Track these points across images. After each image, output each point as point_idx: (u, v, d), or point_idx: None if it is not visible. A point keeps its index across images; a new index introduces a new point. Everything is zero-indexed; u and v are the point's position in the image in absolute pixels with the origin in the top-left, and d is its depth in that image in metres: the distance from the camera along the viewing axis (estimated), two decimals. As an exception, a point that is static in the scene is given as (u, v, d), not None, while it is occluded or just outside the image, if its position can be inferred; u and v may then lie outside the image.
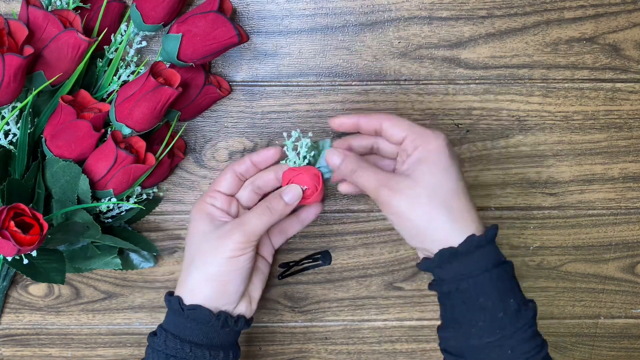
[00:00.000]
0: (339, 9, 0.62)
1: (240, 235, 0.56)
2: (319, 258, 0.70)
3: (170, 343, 0.56)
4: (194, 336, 0.56)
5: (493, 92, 0.65)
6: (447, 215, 0.52)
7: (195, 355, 0.56)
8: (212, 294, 0.56)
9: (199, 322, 0.56)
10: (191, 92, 0.60)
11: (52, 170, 0.58)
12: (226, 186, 0.60)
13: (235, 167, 0.60)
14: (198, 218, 0.59)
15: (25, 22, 0.55)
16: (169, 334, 0.56)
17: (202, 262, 0.56)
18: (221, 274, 0.56)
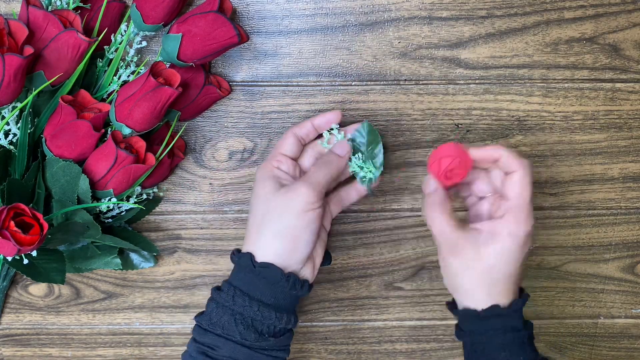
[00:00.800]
0: (339, 9, 0.62)
1: (306, 188, 0.56)
2: (319, 258, 0.70)
3: (239, 299, 0.55)
4: (263, 295, 0.56)
5: (493, 92, 0.65)
6: (489, 290, 0.55)
7: (262, 314, 0.55)
8: (283, 250, 0.56)
9: (270, 281, 0.55)
10: (191, 92, 0.60)
11: (52, 170, 0.58)
12: (289, 149, 0.60)
13: (296, 130, 0.60)
14: (265, 178, 0.58)
15: (25, 22, 0.55)
16: (238, 290, 0.56)
17: (272, 220, 0.56)
18: (293, 228, 0.56)
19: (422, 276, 0.71)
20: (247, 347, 0.55)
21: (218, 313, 0.56)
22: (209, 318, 0.56)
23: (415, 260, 0.71)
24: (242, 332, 0.55)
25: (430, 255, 0.71)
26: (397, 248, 0.70)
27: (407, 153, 0.67)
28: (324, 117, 0.60)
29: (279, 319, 0.56)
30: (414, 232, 0.70)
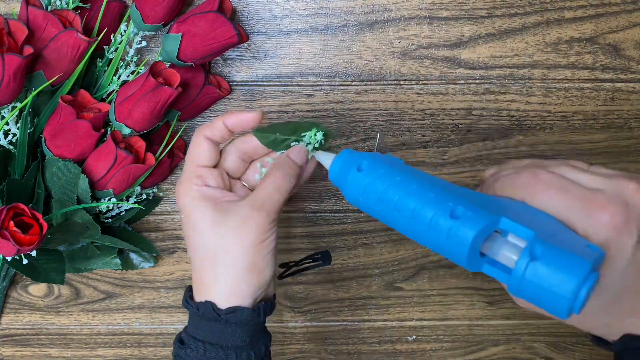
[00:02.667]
0: (339, 9, 0.62)
1: (264, 217, 0.49)
2: (319, 258, 0.70)
3: (211, 355, 0.49)
4: (237, 340, 0.50)
5: (493, 92, 0.65)
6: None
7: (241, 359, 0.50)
8: (249, 288, 0.49)
9: (240, 324, 0.50)
10: (191, 92, 0.60)
11: (51, 170, 0.58)
12: (207, 157, 0.51)
13: (207, 133, 0.51)
14: (198, 208, 0.50)
15: (25, 22, 0.55)
16: (207, 344, 0.49)
17: (229, 258, 0.49)
18: (256, 264, 0.49)
19: (422, 276, 0.71)
20: None
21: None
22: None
23: (415, 260, 0.71)
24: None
25: (430, 255, 0.70)
26: (397, 248, 0.70)
27: (408, 153, 0.67)
28: (239, 117, 0.51)
29: (258, 353, 0.51)
30: (414, 232, 0.70)
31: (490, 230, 0.41)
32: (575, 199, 0.42)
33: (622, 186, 0.42)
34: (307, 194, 0.68)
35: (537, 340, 0.74)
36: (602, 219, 0.41)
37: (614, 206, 0.41)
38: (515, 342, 0.74)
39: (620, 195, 0.42)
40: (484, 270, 0.43)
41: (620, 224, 0.41)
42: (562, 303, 0.39)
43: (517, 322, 0.73)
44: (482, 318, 0.73)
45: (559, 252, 0.39)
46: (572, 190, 0.43)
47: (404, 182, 0.45)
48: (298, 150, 0.52)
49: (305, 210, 0.69)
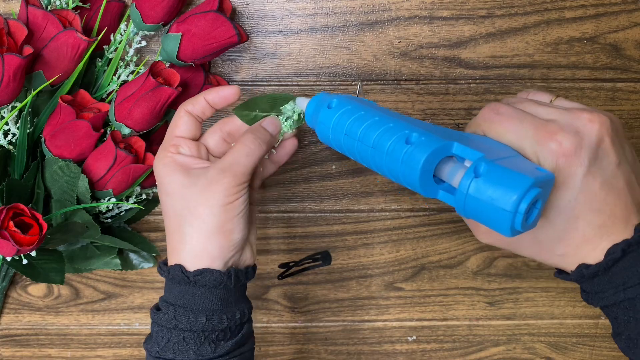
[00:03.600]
0: (339, 9, 0.62)
1: (231, 178, 0.49)
2: (319, 258, 0.70)
3: (182, 317, 0.50)
4: (207, 303, 0.50)
5: (494, 91, 0.65)
6: None
7: (212, 324, 0.50)
8: (218, 250, 0.50)
9: (210, 286, 0.50)
10: (191, 92, 0.60)
11: (51, 170, 0.58)
12: (185, 129, 0.52)
13: (189, 107, 0.52)
14: (169, 172, 0.51)
15: (24, 21, 0.55)
16: (178, 307, 0.50)
17: (196, 218, 0.49)
18: (223, 224, 0.49)
19: (422, 276, 0.71)
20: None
21: (164, 336, 0.50)
22: (157, 344, 0.51)
23: (415, 260, 0.71)
24: (196, 350, 0.50)
25: (430, 255, 0.70)
26: (397, 248, 0.70)
27: None
28: (219, 93, 0.52)
29: (232, 319, 0.51)
30: (414, 232, 0.69)
31: (442, 153, 0.43)
32: (528, 127, 0.43)
33: (576, 116, 0.43)
34: (307, 194, 0.68)
35: (537, 341, 0.74)
36: (551, 146, 0.42)
37: (564, 133, 0.42)
38: (516, 342, 0.74)
39: (573, 124, 0.42)
40: (439, 197, 0.44)
41: (570, 151, 0.41)
42: (504, 217, 0.39)
43: (518, 323, 0.73)
44: (482, 318, 0.73)
45: (501, 169, 0.40)
46: (526, 121, 0.44)
47: (367, 115, 0.47)
48: (270, 120, 0.53)
49: (305, 210, 0.69)
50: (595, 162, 0.42)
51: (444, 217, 0.69)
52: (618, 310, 0.44)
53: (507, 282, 0.72)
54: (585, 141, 0.42)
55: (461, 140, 0.43)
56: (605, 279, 0.44)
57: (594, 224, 0.43)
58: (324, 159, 0.67)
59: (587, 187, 0.42)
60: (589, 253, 0.44)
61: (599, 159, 0.42)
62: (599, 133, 0.42)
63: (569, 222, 0.43)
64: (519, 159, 0.43)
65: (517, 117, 0.44)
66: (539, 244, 0.45)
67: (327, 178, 0.68)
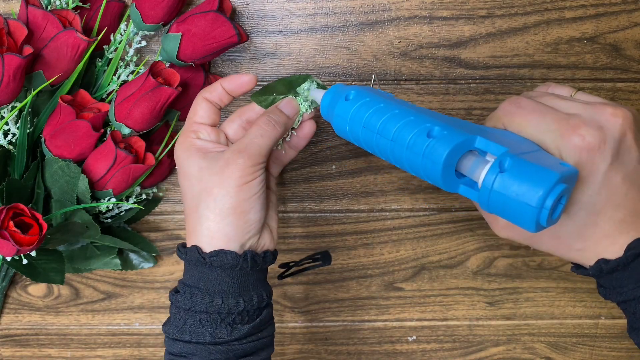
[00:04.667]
0: (339, 9, 0.62)
1: (245, 159, 0.49)
2: (319, 258, 0.70)
3: (198, 298, 0.50)
4: (223, 285, 0.50)
5: (494, 91, 0.65)
6: None
7: (228, 306, 0.50)
8: (234, 231, 0.50)
9: (226, 268, 0.50)
10: (191, 92, 0.60)
11: (51, 170, 0.58)
12: (204, 115, 0.53)
13: (206, 94, 0.54)
14: (188, 156, 0.52)
15: (24, 21, 0.55)
16: (194, 288, 0.50)
17: (212, 200, 0.50)
18: (238, 205, 0.49)
19: (423, 276, 0.71)
20: (221, 344, 0.50)
21: (181, 318, 0.51)
22: (174, 326, 0.51)
23: (415, 260, 0.71)
24: (212, 332, 0.50)
25: (430, 255, 0.70)
26: (397, 248, 0.70)
27: None
28: (236, 81, 0.53)
29: (249, 303, 0.51)
30: (414, 232, 0.69)
31: (465, 147, 0.42)
32: (550, 121, 0.43)
33: (599, 110, 0.42)
34: (307, 194, 0.68)
35: (537, 341, 0.74)
36: (574, 140, 0.41)
37: (587, 128, 0.41)
38: (516, 342, 0.74)
39: (595, 118, 0.42)
40: (460, 191, 0.43)
41: (593, 146, 0.41)
42: (529, 213, 0.39)
43: (518, 323, 0.73)
44: (482, 318, 0.73)
45: (526, 164, 0.40)
46: (548, 115, 0.43)
47: (387, 107, 0.46)
48: (287, 102, 0.54)
49: (305, 210, 0.69)
50: (617, 157, 0.42)
51: (444, 217, 0.69)
52: (637, 305, 0.44)
53: (507, 282, 0.72)
54: (608, 136, 0.41)
55: (483, 134, 0.43)
56: (625, 274, 0.43)
57: (615, 219, 0.43)
58: (324, 159, 0.67)
59: (609, 182, 0.42)
60: (607, 248, 0.43)
61: (622, 153, 0.42)
62: (622, 128, 0.42)
63: (589, 217, 0.43)
64: (542, 154, 0.43)
65: (539, 111, 0.44)
66: (557, 239, 0.45)
67: (327, 178, 0.68)
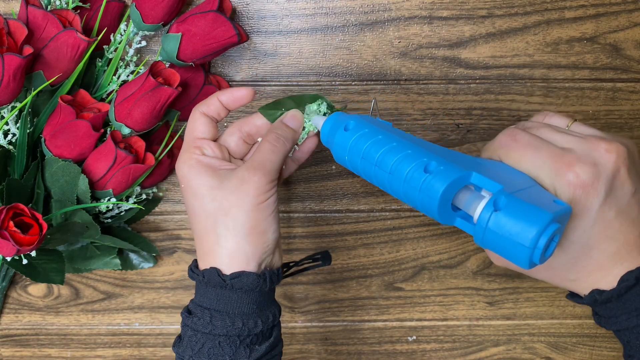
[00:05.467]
0: (339, 9, 0.62)
1: (260, 177, 0.48)
2: (319, 258, 0.70)
3: (218, 322, 0.48)
4: (243, 307, 0.49)
5: (494, 91, 0.65)
6: None
7: (248, 328, 0.49)
8: (253, 250, 0.49)
9: (246, 290, 0.49)
10: (191, 92, 0.60)
11: (51, 170, 0.58)
12: (204, 130, 0.52)
13: (203, 108, 0.52)
14: (195, 174, 0.50)
15: (24, 21, 0.55)
16: (214, 311, 0.49)
17: (231, 220, 0.48)
18: (257, 224, 0.49)
19: (423, 276, 0.71)
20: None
21: (199, 341, 0.49)
22: (190, 349, 0.50)
23: (415, 260, 0.71)
24: (232, 355, 0.49)
25: (430, 255, 0.70)
26: (397, 248, 0.70)
27: None
28: (233, 94, 0.52)
29: (265, 322, 0.50)
30: (414, 232, 0.69)
31: (461, 183, 0.43)
32: (546, 157, 0.43)
33: (593, 146, 0.43)
34: (307, 194, 0.68)
35: (537, 341, 0.74)
36: (568, 176, 0.42)
37: (582, 165, 0.42)
38: (516, 342, 0.74)
39: (590, 154, 0.42)
40: (456, 224, 0.44)
41: (587, 183, 0.42)
42: (522, 252, 0.40)
43: (518, 323, 0.73)
44: (482, 318, 0.73)
45: (521, 203, 0.40)
46: (544, 149, 0.44)
47: (385, 139, 0.47)
48: (291, 115, 0.52)
49: (305, 210, 0.69)
50: (611, 193, 0.42)
51: (444, 217, 0.69)
52: (631, 334, 0.44)
53: (507, 282, 0.72)
54: (602, 172, 0.42)
55: (479, 169, 0.43)
56: (619, 305, 0.44)
57: (608, 252, 0.43)
58: (324, 159, 0.67)
59: (603, 217, 0.42)
60: (601, 279, 0.44)
61: (615, 189, 0.42)
62: (616, 163, 0.42)
63: (582, 250, 0.44)
64: (537, 190, 0.43)
65: (534, 146, 0.44)
66: (552, 270, 0.45)
67: (327, 178, 0.68)
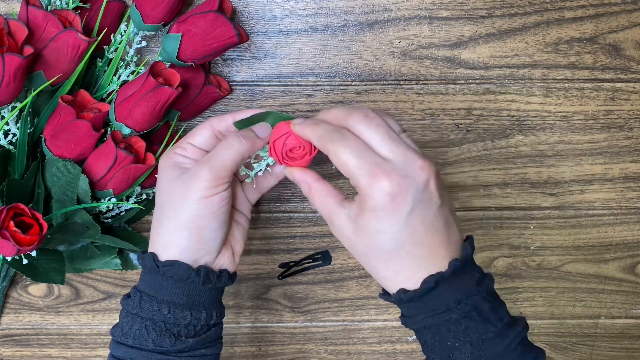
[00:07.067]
0: (339, 9, 0.62)
1: (208, 172, 0.50)
2: (319, 258, 0.70)
3: (146, 305, 0.51)
4: (172, 295, 0.51)
5: (493, 92, 0.65)
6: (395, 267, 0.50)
7: (174, 316, 0.51)
8: (188, 244, 0.51)
9: (177, 279, 0.51)
10: (191, 92, 0.60)
11: (51, 170, 0.58)
12: (201, 141, 0.54)
13: (214, 123, 0.54)
14: (165, 168, 0.53)
15: (25, 22, 0.55)
16: (144, 294, 0.51)
17: (172, 210, 0.51)
18: (194, 219, 0.50)
19: (422, 276, 0.71)
20: (163, 353, 0.51)
21: (128, 322, 0.51)
22: (120, 329, 0.52)
23: (416, 260, 0.71)
24: (155, 340, 0.50)
25: (430, 255, 0.70)
26: (397, 248, 0.70)
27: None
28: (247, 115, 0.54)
29: (196, 318, 0.51)
30: (414, 232, 0.69)
31: None
32: (367, 163, 0.46)
33: (411, 161, 0.46)
34: (307, 194, 0.68)
35: (537, 341, 0.74)
36: (382, 184, 0.46)
37: (395, 176, 0.46)
38: (516, 342, 0.74)
39: (405, 168, 0.46)
40: None
41: (397, 192, 0.46)
42: None
43: (517, 322, 0.73)
44: (482, 318, 0.73)
45: None
46: (367, 157, 0.47)
47: None
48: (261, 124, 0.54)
49: (305, 211, 0.69)
50: (419, 203, 0.46)
51: (443, 217, 0.69)
52: (427, 333, 0.48)
53: (507, 282, 0.72)
54: (412, 185, 0.46)
55: None
56: (420, 305, 0.48)
57: (415, 256, 0.47)
58: (324, 159, 0.67)
59: (410, 224, 0.46)
60: (407, 280, 0.48)
61: (423, 200, 0.46)
62: (426, 178, 0.46)
63: (393, 251, 0.47)
64: None
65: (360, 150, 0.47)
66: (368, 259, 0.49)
67: (327, 178, 0.67)
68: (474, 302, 0.47)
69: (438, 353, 0.48)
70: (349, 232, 0.49)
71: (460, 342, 0.47)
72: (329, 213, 0.50)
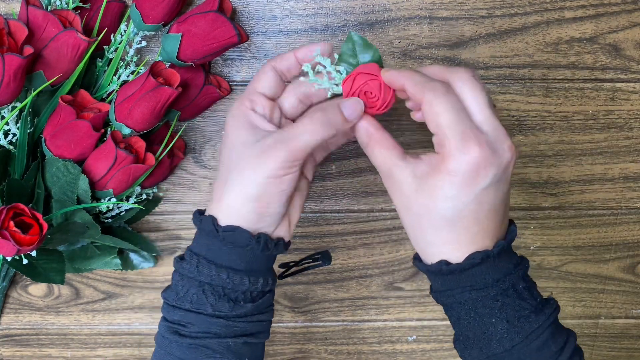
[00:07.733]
0: (339, 9, 0.62)
1: (285, 153, 0.47)
2: (319, 258, 0.70)
3: (204, 269, 0.49)
4: (231, 261, 0.50)
5: (493, 92, 0.65)
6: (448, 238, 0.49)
7: (233, 282, 0.49)
8: (251, 216, 0.49)
9: (237, 245, 0.49)
10: (191, 92, 0.60)
11: (51, 170, 0.58)
12: (267, 86, 0.51)
13: (276, 62, 0.51)
14: (237, 125, 0.50)
15: (25, 22, 0.55)
16: (202, 258, 0.50)
17: (239, 180, 0.49)
18: (262, 196, 0.48)
19: (422, 276, 0.71)
20: (222, 318, 0.49)
21: (184, 286, 0.50)
22: (175, 293, 0.50)
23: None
24: (213, 304, 0.49)
25: (430, 255, 0.70)
26: (397, 248, 0.70)
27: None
28: (310, 49, 0.50)
29: (254, 284, 0.50)
30: (414, 232, 0.70)
31: None
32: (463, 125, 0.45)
33: (502, 137, 0.46)
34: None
35: (537, 340, 0.74)
36: (472, 151, 0.45)
37: (486, 147, 0.45)
38: (516, 342, 0.74)
39: (496, 143, 0.46)
40: None
41: (482, 165, 0.45)
42: None
43: (517, 322, 0.73)
44: (482, 318, 0.73)
45: None
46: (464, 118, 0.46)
47: None
48: (352, 104, 0.50)
49: (305, 210, 0.69)
50: (496, 182, 0.46)
51: (443, 217, 0.69)
52: (461, 309, 0.48)
53: (507, 282, 0.72)
54: (497, 161, 0.46)
55: None
56: (458, 278, 0.48)
57: (471, 231, 0.47)
58: (324, 159, 0.67)
59: (480, 199, 0.46)
60: (452, 252, 0.47)
61: (500, 180, 0.46)
62: (510, 159, 0.46)
63: (452, 220, 0.46)
64: None
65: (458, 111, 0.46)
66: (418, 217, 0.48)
67: (327, 178, 0.68)
68: (511, 280, 0.47)
69: (472, 329, 0.48)
70: (409, 190, 0.47)
71: (496, 319, 0.47)
72: (388, 166, 0.48)
